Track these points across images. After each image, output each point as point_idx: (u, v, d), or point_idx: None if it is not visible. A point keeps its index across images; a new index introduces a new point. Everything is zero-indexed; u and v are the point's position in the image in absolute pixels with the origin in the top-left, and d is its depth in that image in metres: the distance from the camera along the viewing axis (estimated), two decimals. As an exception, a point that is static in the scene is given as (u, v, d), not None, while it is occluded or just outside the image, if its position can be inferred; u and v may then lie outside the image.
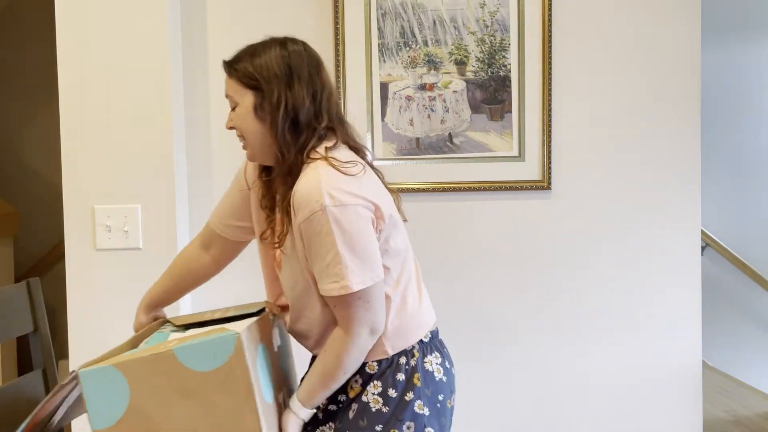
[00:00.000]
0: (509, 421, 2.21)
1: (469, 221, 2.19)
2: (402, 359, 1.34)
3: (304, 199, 1.23)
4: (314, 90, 1.31)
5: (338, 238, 1.21)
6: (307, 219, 1.22)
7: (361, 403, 1.32)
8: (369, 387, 1.33)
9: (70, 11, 1.95)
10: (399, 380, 1.33)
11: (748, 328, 4.49)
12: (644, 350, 2.20)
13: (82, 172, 1.97)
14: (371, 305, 1.26)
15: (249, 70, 1.30)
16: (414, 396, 1.32)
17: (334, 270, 1.22)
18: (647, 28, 2.16)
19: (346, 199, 1.23)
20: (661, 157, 2.18)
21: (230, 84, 1.33)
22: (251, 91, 1.30)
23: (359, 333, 1.26)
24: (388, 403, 1.31)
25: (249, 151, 1.36)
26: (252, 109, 1.30)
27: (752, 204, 4.50)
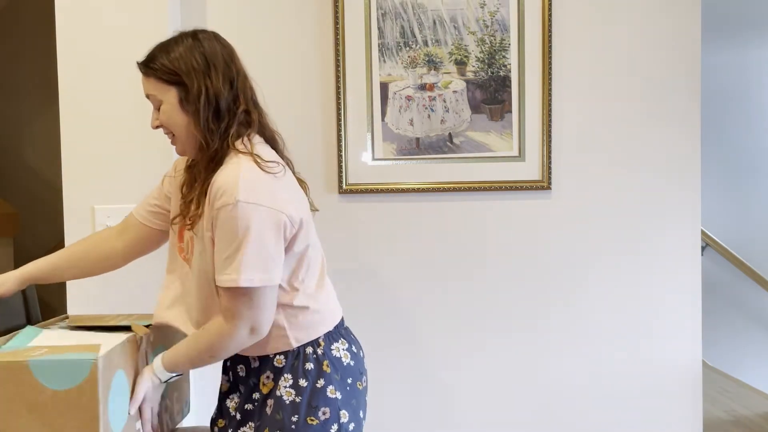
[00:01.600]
0: (508, 420, 2.21)
1: (469, 221, 2.19)
2: (308, 349, 1.37)
3: (222, 189, 1.26)
4: (231, 77, 1.34)
5: (243, 233, 1.25)
6: (220, 208, 1.25)
7: (275, 398, 1.35)
8: (280, 381, 1.36)
9: (70, 11, 1.95)
10: (308, 369, 1.36)
11: (748, 328, 4.49)
12: (644, 350, 2.20)
13: (82, 172, 1.97)
14: (256, 305, 1.28)
15: (168, 66, 1.32)
16: (325, 382, 1.36)
17: (231, 263, 1.25)
18: (647, 28, 2.16)
19: (261, 200, 1.26)
20: (661, 157, 2.18)
21: (150, 83, 1.35)
22: (173, 87, 1.32)
23: (238, 327, 1.29)
24: (301, 393, 1.34)
25: (179, 146, 1.38)
26: (177, 103, 1.32)
27: (752, 204, 4.50)
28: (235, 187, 1.25)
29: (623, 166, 2.18)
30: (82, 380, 1.16)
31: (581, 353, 2.20)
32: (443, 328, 2.20)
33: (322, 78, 2.15)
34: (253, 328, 1.30)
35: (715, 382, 4.07)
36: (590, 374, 2.20)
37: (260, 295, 1.28)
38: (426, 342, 2.20)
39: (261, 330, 1.31)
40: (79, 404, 1.16)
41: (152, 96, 1.35)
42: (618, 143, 2.17)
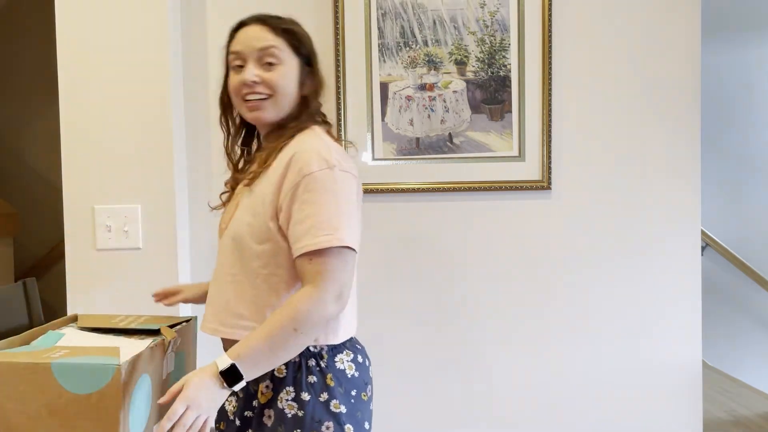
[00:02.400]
0: (508, 420, 2.21)
1: (469, 221, 2.19)
2: (311, 362, 1.31)
3: (313, 156, 1.26)
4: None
5: (339, 198, 1.25)
6: (312, 174, 1.24)
7: (276, 410, 1.30)
8: (282, 393, 1.30)
9: (69, 11, 1.95)
10: (311, 383, 1.30)
11: (748, 328, 4.49)
12: (644, 350, 2.20)
13: (82, 172, 1.97)
14: (348, 269, 1.24)
15: (302, 40, 1.38)
16: (329, 396, 1.31)
17: (332, 223, 1.22)
18: (647, 28, 2.16)
19: (348, 168, 1.29)
20: (661, 157, 2.18)
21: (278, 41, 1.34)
22: (298, 58, 1.37)
23: (327, 291, 1.21)
24: (303, 407, 1.29)
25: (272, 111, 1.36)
26: (297, 75, 1.36)
27: (752, 204, 4.50)
28: (328, 155, 1.27)
29: (623, 166, 2.18)
30: (104, 385, 1.14)
31: (581, 353, 2.20)
32: (443, 328, 2.20)
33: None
34: (340, 294, 1.23)
35: (715, 382, 4.07)
36: (590, 374, 2.20)
37: (352, 259, 1.25)
38: (426, 342, 2.20)
39: (345, 298, 1.24)
40: (100, 408, 1.15)
41: (273, 50, 1.34)
42: (618, 143, 2.17)
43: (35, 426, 1.16)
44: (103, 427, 1.15)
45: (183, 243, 2.05)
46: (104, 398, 1.15)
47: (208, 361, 2.02)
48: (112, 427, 1.15)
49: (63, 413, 1.15)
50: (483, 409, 2.21)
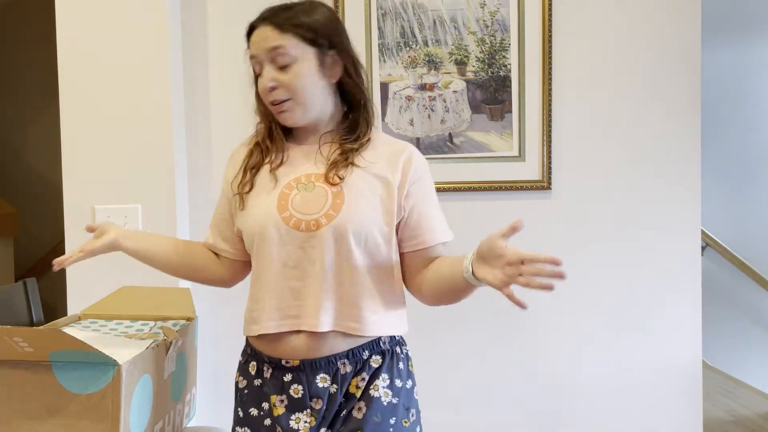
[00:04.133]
0: (508, 420, 2.21)
1: (469, 221, 2.18)
2: (397, 348, 1.34)
3: (421, 158, 1.35)
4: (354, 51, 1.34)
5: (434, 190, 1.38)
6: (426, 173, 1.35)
7: (369, 399, 1.26)
8: (378, 381, 1.28)
9: (70, 11, 1.95)
10: (401, 369, 1.33)
11: (748, 328, 4.49)
12: (644, 350, 2.20)
13: (82, 172, 1.97)
14: None
15: (312, 26, 1.25)
16: (412, 383, 1.36)
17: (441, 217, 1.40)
18: (647, 28, 2.16)
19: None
20: (661, 157, 2.18)
21: (284, 38, 1.24)
22: (313, 48, 1.26)
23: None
24: (397, 394, 1.30)
25: (299, 112, 1.28)
26: (317, 65, 1.26)
27: (752, 204, 4.50)
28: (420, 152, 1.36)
29: (623, 166, 2.18)
30: (104, 385, 1.14)
31: (580, 353, 2.20)
32: (442, 328, 2.20)
33: (322, 78, 2.15)
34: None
35: (715, 382, 4.07)
36: (590, 374, 2.20)
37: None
38: (425, 342, 2.20)
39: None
40: (101, 409, 1.14)
41: (281, 51, 1.24)
42: (618, 143, 2.17)
43: (35, 426, 1.16)
44: (103, 427, 1.15)
45: (183, 243, 2.05)
46: (104, 398, 1.14)
47: (208, 362, 2.02)
48: (112, 427, 1.15)
49: (63, 413, 1.15)
50: (481, 409, 2.21)
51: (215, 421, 2.10)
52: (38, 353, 1.15)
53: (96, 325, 1.49)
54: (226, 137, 2.14)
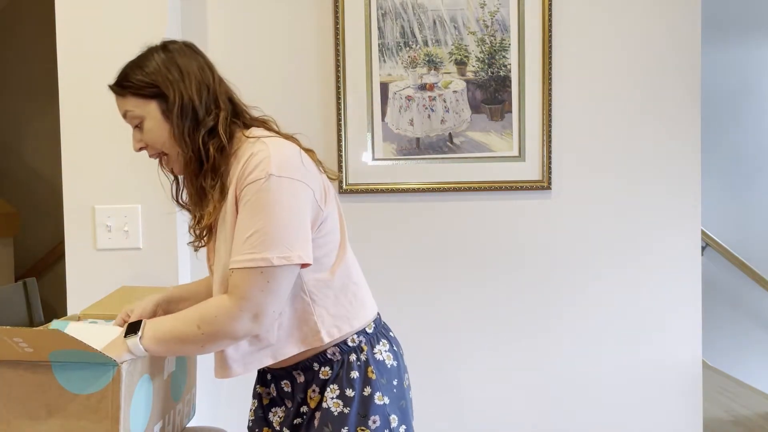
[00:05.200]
0: (508, 420, 2.21)
1: (469, 221, 2.19)
2: (352, 357, 1.32)
3: (252, 165, 1.20)
4: (206, 82, 1.31)
5: (270, 208, 1.18)
6: (248, 185, 1.20)
7: (322, 410, 1.30)
8: (326, 392, 1.30)
9: (70, 11, 1.95)
10: (353, 378, 1.30)
11: (748, 328, 4.49)
12: (644, 350, 2.20)
13: (82, 172, 1.97)
14: (269, 288, 1.19)
15: (145, 80, 1.29)
16: (372, 389, 1.31)
17: (257, 241, 1.18)
18: (647, 28, 2.16)
19: (292, 173, 1.21)
20: (661, 157, 2.18)
21: (127, 101, 1.30)
22: (154, 100, 1.29)
23: (242, 310, 1.18)
24: (349, 404, 1.29)
25: (175, 164, 1.32)
26: (161, 116, 1.28)
27: (752, 204, 4.50)
28: (267, 162, 1.20)
29: (623, 166, 2.18)
30: (104, 385, 1.14)
31: (581, 353, 2.20)
32: (443, 328, 2.20)
33: (323, 78, 2.15)
34: (257, 315, 1.19)
35: (715, 382, 4.07)
36: (590, 374, 2.20)
37: (276, 275, 1.18)
38: (425, 342, 2.20)
39: (264, 320, 1.21)
40: (101, 409, 1.15)
41: (130, 113, 1.31)
42: (618, 143, 2.17)
43: (35, 426, 1.16)
44: (103, 427, 1.15)
45: (183, 243, 2.05)
46: (104, 398, 1.14)
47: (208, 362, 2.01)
48: (112, 427, 1.15)
49: (63, 413, 1.15)
50: (481, 409, 2.21)
51: (215, 421, 2.10)
52: (38, 353, 1.15)
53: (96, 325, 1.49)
54: (226, 137, 2.14)
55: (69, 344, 1.11)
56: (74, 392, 1.15)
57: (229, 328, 1.20)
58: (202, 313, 1.21)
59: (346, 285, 1.34)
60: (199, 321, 1.20)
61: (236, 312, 1.19)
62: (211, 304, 1.22)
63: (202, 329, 1.19)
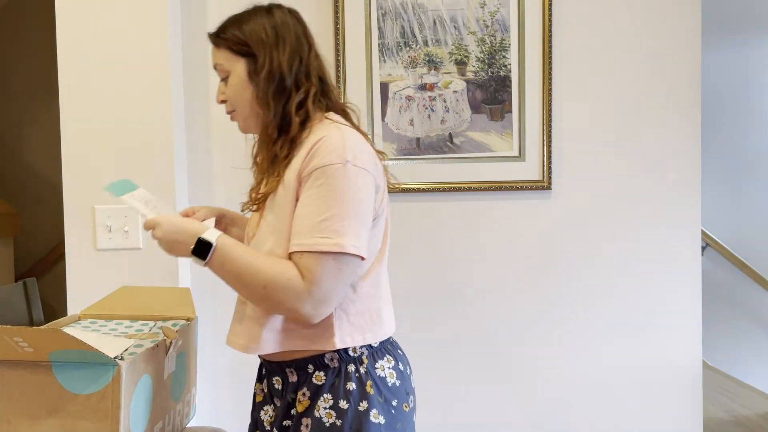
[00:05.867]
0: (508, 420, 2.21)
1: (469, 221, 2.19)
2: (350, 367, 1.26)
3: (329, 148, 1.19)
4: (300, 53, 1.31)
5: (347, 197, 1.17)
6: (323, 167, 1.17)
7: (313, 419, 1.24)
8: (319, 401, 1.24)
9: (70, 11, 1.95)
10: (350, 390, 1.24)
11: (748, 328, 4.49)
12: (644, 350, 2.20)
13: (82, 172, 1.97)
14: (340, 276, 1.17)
15: (240, 37, 1.29)
16: (368, 405, 1.24)
17: (332, 226, 1.16)
18: (647, 28, 2.16)
19: (366, 165, 1.21)
20: (661, 157, 2.18)
21: (220, 54, 1.32)
22: (243, 59, 1.30)
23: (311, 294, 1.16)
24: (342, 416, 1.23)
25: (240, 122, 1.35)
26: (246, 76, 1.29)
27: (752, 204, 4.50)
28: (343, 148, 1.18)
29: (623, 166, 2.18)
30: (104, 385, 1.14)
31: (581, 353, 2.20)
32: (442, 328, 2.20)
33: (322, 78, 2.15)
34: (322, 302, 1.17)
35: (715, 382, 4.07)
36: (590, 374, 2.20)
37: (348, 265, 1.18)
38: (425, 342, 2.20)
39: (327, 309, 1.19)
40: (101, 409, 1.14)
41: (220, 66, 1.32)
42: (618, 143, 2.18)
43: (35, 426, 1.16)
44: (103, 427, 1.15)
45: (183, 243, 2.05)
46: (104, 398, 1.14)
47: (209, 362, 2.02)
48: (112, 427, 1.15)
49: (63, 413, 1.15)
50: (481, 409, 2.21)
51: (215, 421, 2.10)
52: (38, 353, 1.15)
53: (96, 325, 1.49)
54: (226, 137, 2.14)
55: (69, 344, 1.11)
56: (74, 392, 1.15)
57: (292, 305, 1.17)
58: (275, 277, 1.17)
59: (371, 296, 1.29)
60: (268, 282, 1.17)
61: (305, 295, 1.16)
62: (286, 273, 1.17)
63: (266, 291, 1.17)
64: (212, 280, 1.61)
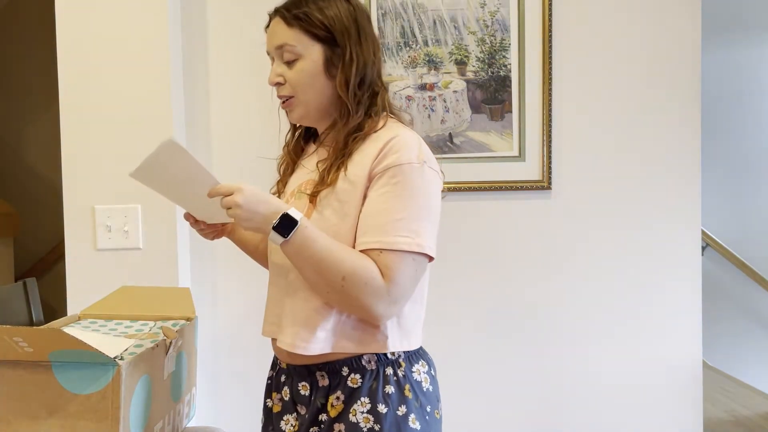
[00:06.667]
0: (508, 419, 2.21)
1: (469, 221, 2.19)
2: (389, 370, 1.21)
3: (405, 147, 1.16)
4: (376, 50, 1.26)
5: (424, 198, 1.16)
6: (400, 165, 1.15)
7: (348, 424, 1.18)
8: (356, 405, 1.19)
9: (70, 11, 1.95)
10: (389, 394, 1.20)
11: (748, 328, 4.49)
12: (644, 350, 2.20)
13: (82, 172, 1.97)
14: (416, 278, 1.16)
15: (322, 20, 1.20)
16: (407, 410, 1.20)
17: (411, 226, 1.13)
18: (647, 28, 2.16)
19: (435, 166, 1.20)
20: (661, 156, 2.18)
21: (291, 33, 1.21)
22: (320, 44, 1.21)
23: (390, 293, 1.13)
24: (380, 421, 1.17)
25: (301, 110, 1.25)
26: (322, 63, 1.21)
27: (752, 204, 4.50)
28: (419, 149, 1.17)
29: (623, 166, 2.18)
30: (104, 385, 1.14)
31: (581, 353, 2.20)
32: (442, 329, 2.20)
33: (322, 78, 2.15)
34: (396, 302, 1.14)
35: (715, 382, 4.07)
36: (590, 374, 2.20)
37: (422, 266, 1.16)
38: (425, 342, 2.20)
39: (398, 308, 1.16)
40: (101, 408, 1.14)
41: (289, 47, 1.21)
42: (618, 143, 2.17)
43: (35, 426, 1.16)
44: (103, 427, 1.15)
45: (183, 243, 2.05)
46: (104, 398, 1.14)
47: (209, 362, 2.02)
48: (112, 427, 1.15)
49: (63, 413, 1.15)
50: (481, 408, 2.21)
51: (215, 421, 2.10)
52: (38, 353, 1.15)
53: (96, 325, 1.49)
54: (227, 136, 2.15)
55: (69, 344, 1.12)
56: (74, 392, 1.15)
57: (369, 302, 1.13)
58: (356, 270, 1.12)
59: (418, 301, 1.26)
60: (348, 274, 1.11)
61: (384, 294, 1.12)
62: (369, 267, 1.12)
63: (344, 283, 1.12)
64: (212, 281, 1.61)
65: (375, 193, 1.16)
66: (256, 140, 2.13)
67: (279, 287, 1.28)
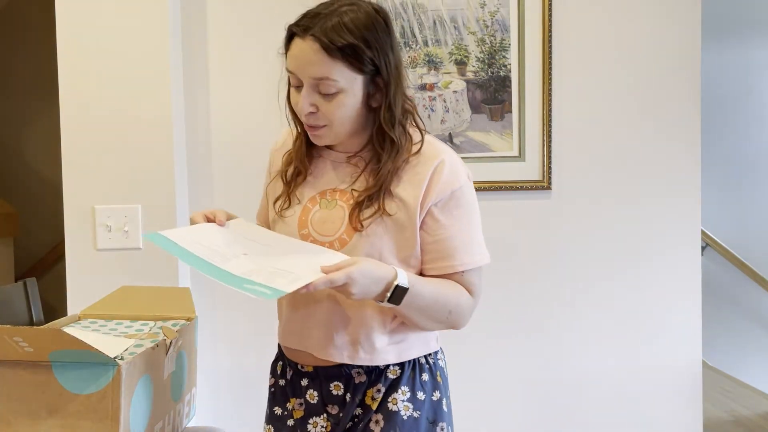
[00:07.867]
0: (508, 419, 2.21)
1: (469, 221, 2.18)
2: (422, 359, 1.27)
3: (455, 169, 1.21)
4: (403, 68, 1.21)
5: (477, 210, 1.26)
6: (459, 188, 1.21)
7: (388, 413, 1.21)
8: (396, 394, 1.22)
9: (70, 11, 1.95)
10: (425, 381, 1.26)
11: (748, 328, 4.49)
12: (644, 350, 2.20)
13: (82, 172, 1.97)
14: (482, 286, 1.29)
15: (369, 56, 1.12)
16: (441, 395, 1.28)
17: (478, 239, 1.25)
18: (647, 28, 2.16)
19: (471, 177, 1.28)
20: (661, 157, 2.18)
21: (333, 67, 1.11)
22: (362, 76, 1.13)
23: (475, 304, 1.26)
24: (419, 407, 1.23)
25: (332, 138, 1.20)
26: (363, 95, 1.15)
27: (752, 204, 4.51)
28: (462, 166, 1.23)
29: (623, 166, 2.18)
30: (104, 385, 1.14)
31: (581, 353, 2.20)
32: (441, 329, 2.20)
33: (322, 78, 2.15)
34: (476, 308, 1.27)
35: (715, 382, 4.07)
36: (590, 374, 2.20)
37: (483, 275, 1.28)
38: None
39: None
40: (99, 409, 1.14)
41: (331, 83, 1.11)
42: (618, 143, 2.17)
43: (35, 426, 1.16)
44: (103, 427, 1.15)
45: (183, 243, 2.05)
46: (104, 398, 1.14)
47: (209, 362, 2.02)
48: (112, 427, 1.15)
49: (63, 413, 1.15)
50: (481, 408, 2.21)
51: (215, 421, 2.10)
52: (38, 353, 1.15)
53: (96, 325, 1.49)
54: (226, 137, 2.14)
55: (69, 344, 1.12)
56: (74, 392, 1.15)
57: (465, 321, 1.25)
58: (458, 301, 1.22)
59: None
60: (453, 308, 1.21)
61: (473, 307, 1.26)
62: (464, 294, 1.23)
63: (450, 316, 1.21)
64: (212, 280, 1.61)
65: (444, 217, 1.21)
66: (256, 140, 2.13)
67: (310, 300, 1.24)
